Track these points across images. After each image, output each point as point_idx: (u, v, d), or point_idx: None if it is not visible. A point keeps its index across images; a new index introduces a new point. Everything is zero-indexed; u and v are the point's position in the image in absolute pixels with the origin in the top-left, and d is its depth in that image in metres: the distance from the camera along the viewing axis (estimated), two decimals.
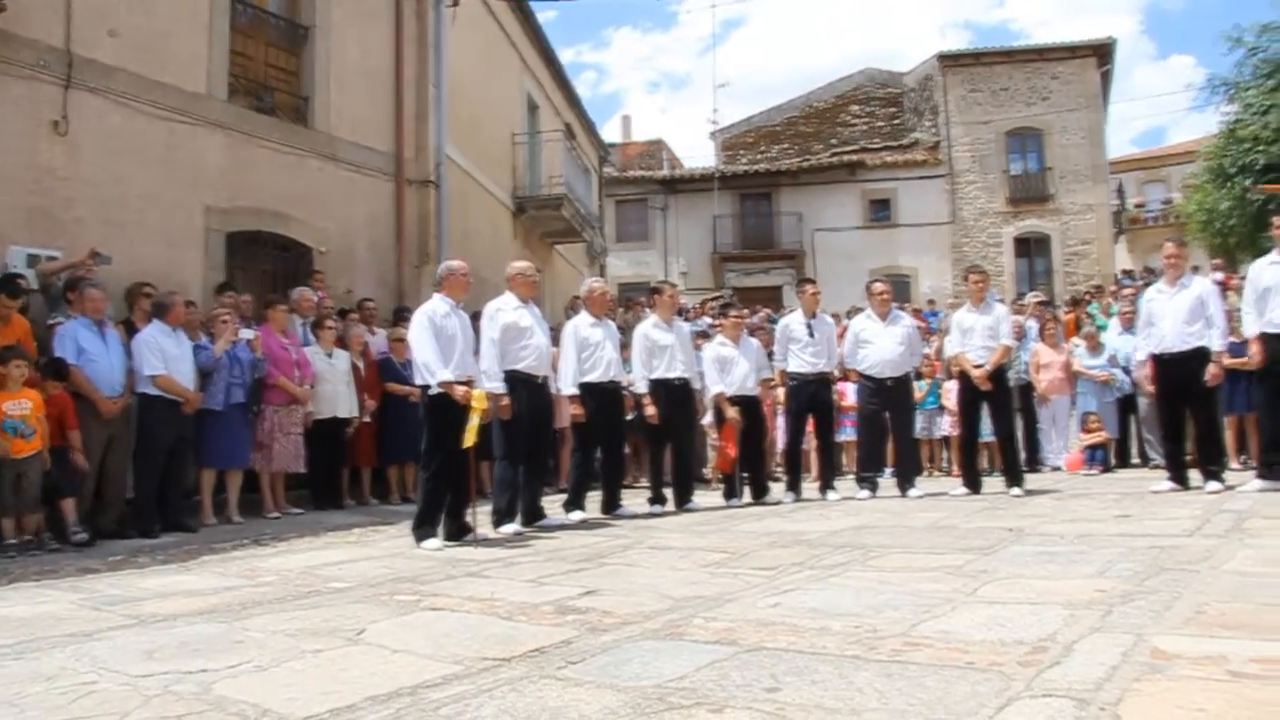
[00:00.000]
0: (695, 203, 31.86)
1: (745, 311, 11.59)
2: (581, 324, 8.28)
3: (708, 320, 14.01)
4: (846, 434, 11.28)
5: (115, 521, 7.64)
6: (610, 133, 37.28)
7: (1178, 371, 8.03)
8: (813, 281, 10.13)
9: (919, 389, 10.96)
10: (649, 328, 8.80)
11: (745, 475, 9.30)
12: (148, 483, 7.85)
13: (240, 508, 8.71)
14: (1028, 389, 11.11)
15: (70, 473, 7.19)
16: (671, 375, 8.63)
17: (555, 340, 8.57)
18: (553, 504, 8.23)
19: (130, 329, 8.15)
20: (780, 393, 10.03)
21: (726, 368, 9.12)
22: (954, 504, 8.01)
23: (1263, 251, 11.67)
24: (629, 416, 9.03)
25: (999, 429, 8.97)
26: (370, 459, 10.11)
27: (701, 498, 9.05)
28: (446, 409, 6.45)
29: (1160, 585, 3.96)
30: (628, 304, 15.76)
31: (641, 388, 8.54)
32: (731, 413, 8.94)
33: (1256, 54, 12.38)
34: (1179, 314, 8.01)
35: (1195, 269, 8.99)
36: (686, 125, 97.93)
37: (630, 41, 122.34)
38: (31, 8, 8.55)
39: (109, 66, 9.25)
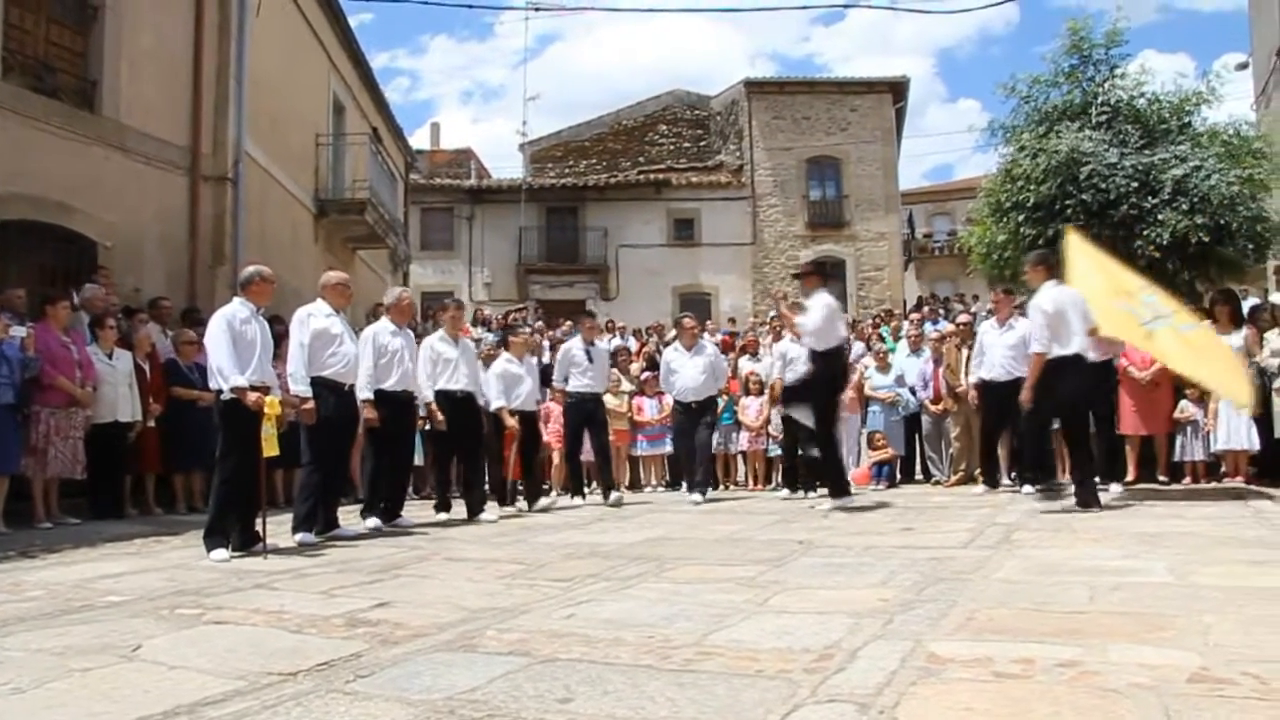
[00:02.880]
0: (502, 214, 31.68)
1: (530, 331, 12.30)
2: (381, 331, 8.26)
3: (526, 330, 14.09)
4: (642, 448, 12.41)
5: None
6: (419, 140, 36.83)
7: (1001, 395, 9.34)
8: (593, 315, 11.70)
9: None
10: (435, 340, 9.02)
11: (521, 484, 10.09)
12: None
13: (8, 517, 8.08)
14: None
15: None
16: (455, 387, 8.87)
17: None
18: (347, 514, 8.07)
19: None
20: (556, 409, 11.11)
21: (512, 384, 9.79)
22: (748, 517, 8.25)
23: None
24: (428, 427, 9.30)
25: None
26: (155, 466, 9.60)
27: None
28: (240, 415, 6.30)
29: (937, 594, 4.19)
30: (427, 313, 15.58)
31: (428, 396, 8.73)
32: (511, 423, 9.59)
33: (1029, 103, 13.34)
34: (1006, 350, 9.53)
35: (1019, 309, 9.86)
36: (497, 137, 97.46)
37: (446, 50, 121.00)
38: None
39: None
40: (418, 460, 10.54)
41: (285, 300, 8.03)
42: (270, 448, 6.30)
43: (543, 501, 10.05)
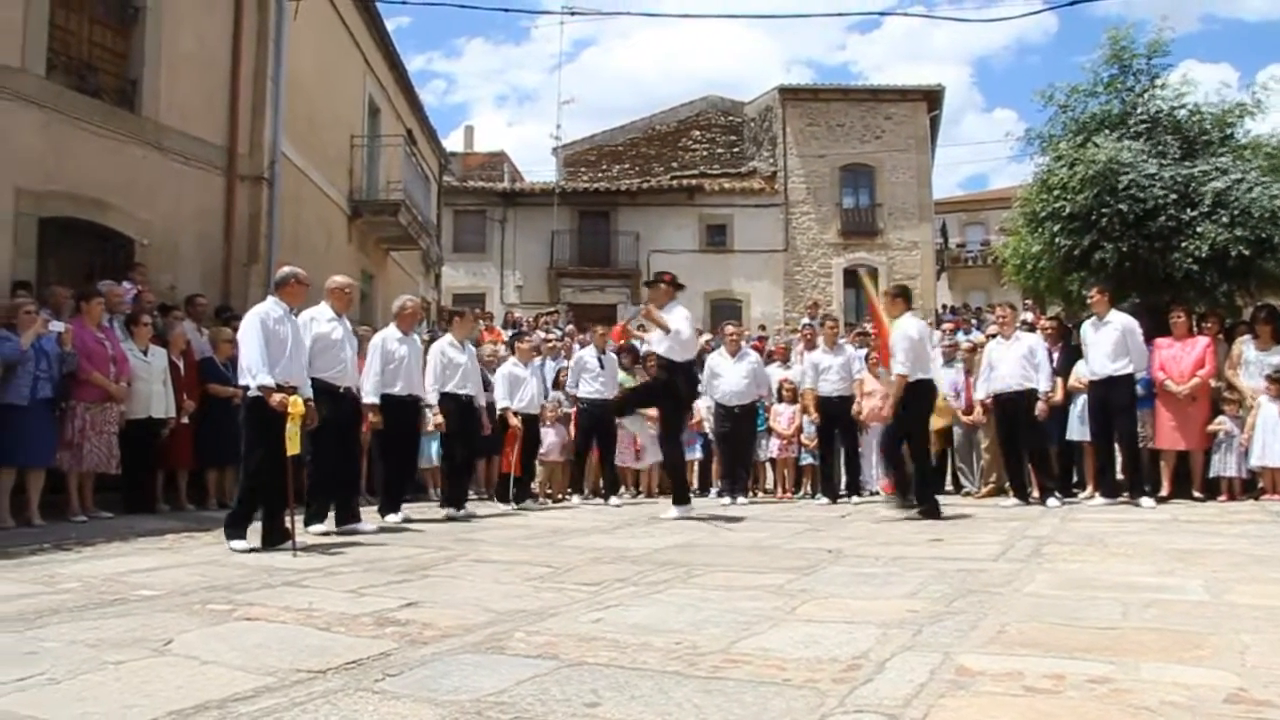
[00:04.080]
0: (534, 217, 31.78)
1: (560, 335, 12.86)
2: (389, 338, 8.62)
3: (540, 335, 14.23)
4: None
5: None
6: (453, 142, 37.04)
7: (1010, 407, 9.61)
8: (600, 327, 12.11)
9: None
10: (445, 345, 9.40)
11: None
12: None
13: (43, 510, 8.18)
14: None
15: None
16: (461, 391, 9.29)
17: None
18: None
19: None
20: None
21: (516, 386, 10.43)
22: (777, 524, 8.21)
23: (1066, 295, 12.49)
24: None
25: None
26: (187, 462, 9.68)
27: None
28: (265, 412, 6.42)
29: (967, 606, 4.16)
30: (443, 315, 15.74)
31: (432, 399, 9.15)
32: (514, 422, 10.24)
33: (1067, 112, 13.20)
34: (1013, 362, 9.60)
35: (1025, 324, 10.07)
36: (531, 140, 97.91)
37: (481, 53, 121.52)
38: None
39: None
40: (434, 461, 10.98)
41: (317, 300, 8.15)
42: (293, 446, 6.38)
43: (528, 503, 10.63)
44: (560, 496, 11.50)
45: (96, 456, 8.59)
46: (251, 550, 6.40)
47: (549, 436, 11.39)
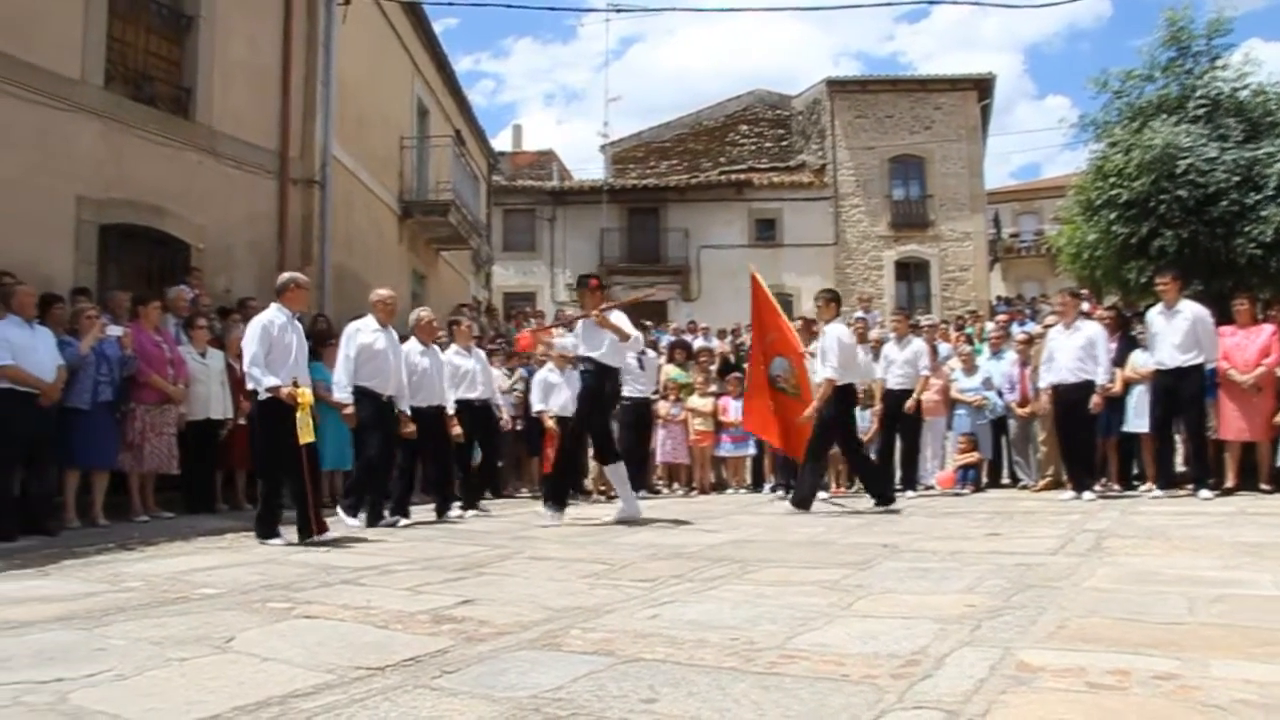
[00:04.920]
0: (583, 215, 31.84)
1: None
2: (411, 350, 8.83)
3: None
4: (725, 449, 12.52)
5: None
6: (501, 142, 37.18)
7: (1068, 399, 9.49)
8: (645, 327, 12.38)
9: None
10: (450, 355, 9.69)
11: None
12: (6, 482, 7.45)
13: (107, 510, 8.37)
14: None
15: None
16: (472, 396, 9.72)
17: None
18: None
19: None
20: None
21: (550, 392, 10.97)
22: (831, 519, 8.16)
23: (1123, 284, 12.23)
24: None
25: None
26: (245, 462, 9.81)
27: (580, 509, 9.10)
28: (275, 412, 6.75)
29: (1026, 601, 4.10)
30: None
31: (451, 408, 9.36)
32: (550, 424, 10.71)
33: (1122, 97, 12.93)
34: (1072, 352, 9.50)
35: (1085, 314, 9.90)
36: (579, 139, 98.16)
37: (529, 53, 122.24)
38: None
39: None
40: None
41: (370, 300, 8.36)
42: (306, 435, 6.72)
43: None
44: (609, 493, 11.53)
45: (157, 457, 8.76)
46: (288, 545, 6.66)
47: None
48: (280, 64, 12.72)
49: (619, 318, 8.26)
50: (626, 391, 11.10)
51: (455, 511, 8.95)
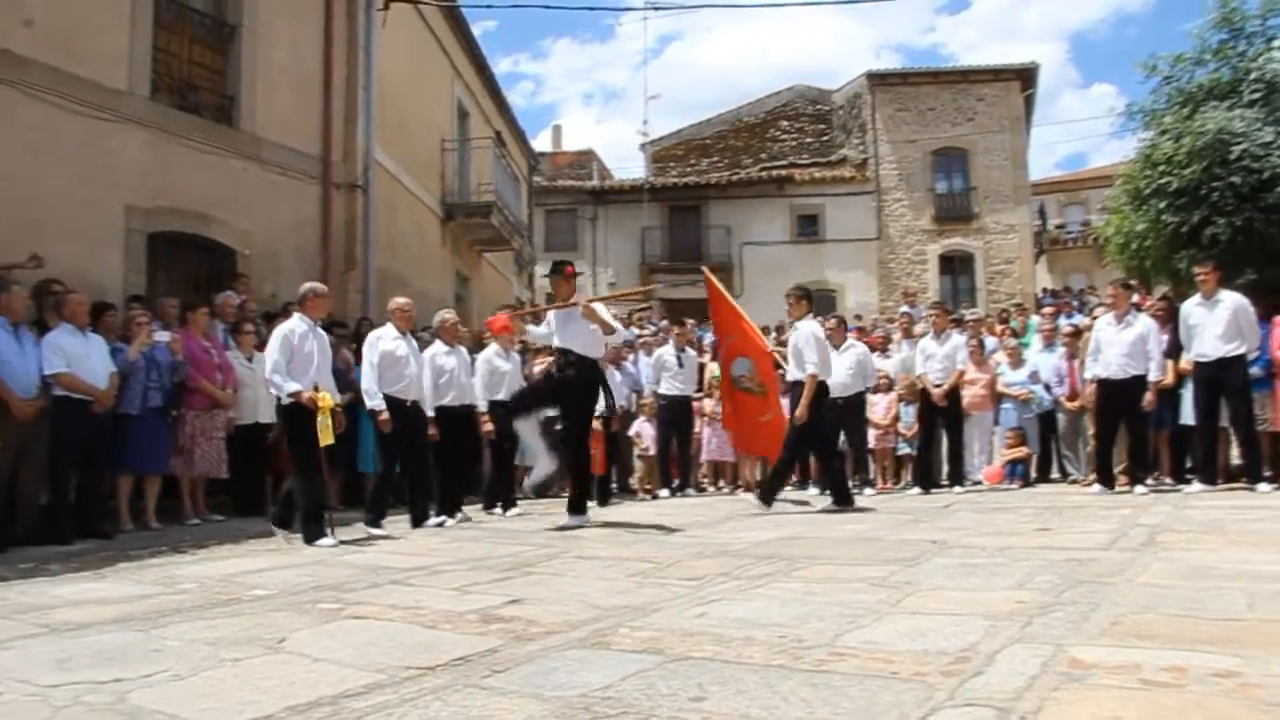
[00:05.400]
0: (624, 214, 31.88)
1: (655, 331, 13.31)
2: (437, 353, 8.94)
3: (635, 331, 14.25)
4: None
5: (28, 528, 7.37)
6: (541, 142, 37.28)
7: (1118, 394, 9.32)
8: (682, 324, 12.79)
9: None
10: (490, 354, 9.67)
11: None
12: (61, 488, 7.62)
13: (159, 514, 8.51)
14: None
15: None
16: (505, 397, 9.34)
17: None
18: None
19: (44, 330, 7.90)
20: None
21: None
22: (878, 516, 8.11)
23: (1174, 274, 12.02)
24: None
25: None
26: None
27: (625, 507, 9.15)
28: (299, 417, 7.02)
29: (1078, 597, 4.04)
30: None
31: (482, 407, 9.42)
32: (595, 424, 9.95)
33: (1171, 83, 12.71)
34: (1123, 347, 9.31)
35: (1137, 307, 9.68)
36: (619, 138, 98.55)
37: (568, 53, 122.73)
38: None
39: (24, 58, 8.93)
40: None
41: (415, 302, 8.46)
42: (326, 437, 6.94)
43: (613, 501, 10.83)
44: (653, 492, 11.55)
45: (207, 461, 8.89)
46: (340, 544, 6.91)
47: (647, 430, 11.54)
48: (321, 70, 12.83)
49: (601, 309, 8.02)
50: (664, 389, 11.35)
51: (497, 510, 9.10)
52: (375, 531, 7.74)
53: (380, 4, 13.93)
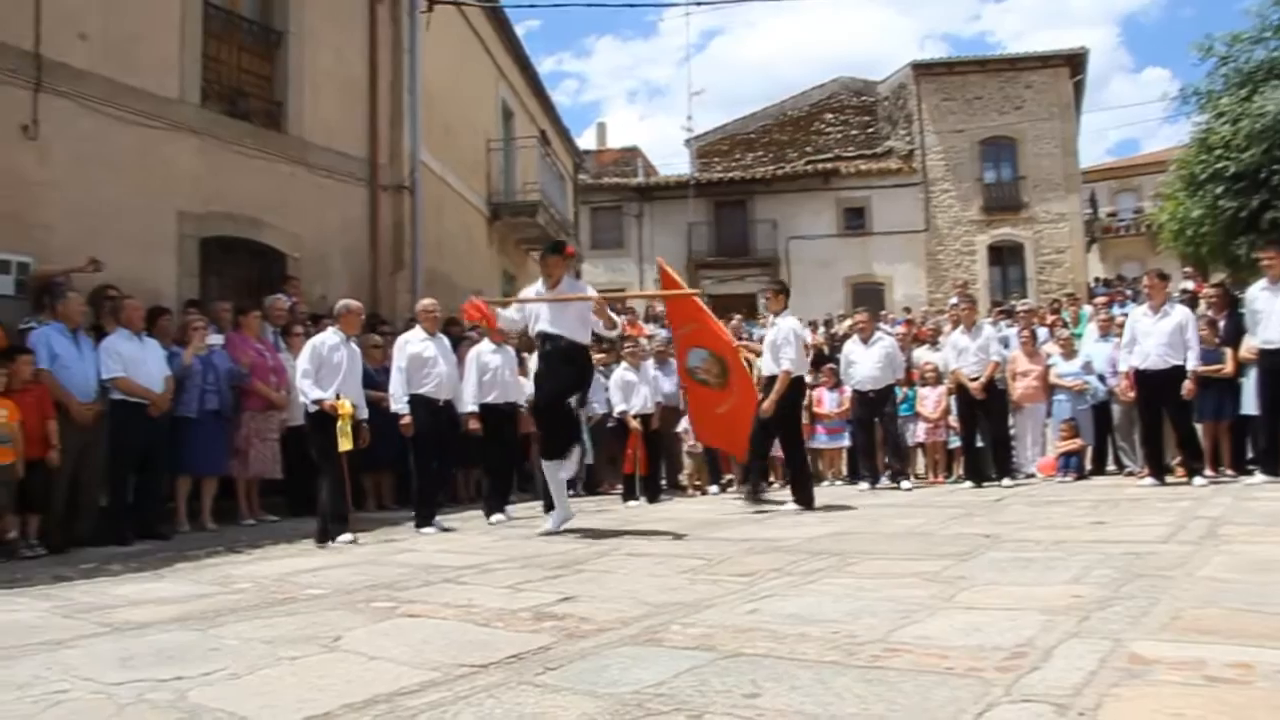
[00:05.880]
0: (670, 210, 31.88)
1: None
2: (483, 351, 9.11)
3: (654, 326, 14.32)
4: (820, 440, 12.22)
5: (88, 530, 7.53)
6: (586, 140, 37.38)
7: (1156, 385, 9.22)
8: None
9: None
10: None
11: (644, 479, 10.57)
12: (120, 489, 7.79)
13: (215, 515, 8.65)
14: (1004, 396, 11.19)
15: (40, 486, 7.11)
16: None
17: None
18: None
19: (101, 335, 8.06)
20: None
21: (629, 390, 10.86)
22: (930, 510, 8.03)
23: (1232, 260, 11.77)
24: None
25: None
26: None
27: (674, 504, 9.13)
28: (324, 423, 7.35)
29: (1136, 591, 3.97)
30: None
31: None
32: (634, 424, 10.59)
33: (1228, 63, 12.42)
34: (1161, 337, 9.20)
35: (1185, 293, 9.49)
36: (663, 134, 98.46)
37: (611, 51, 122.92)
38: (0, 12, 8.46)
39: (79, 70, 9.12)
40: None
41: (461, 301, 8.51)
42: (345, 443, 7.26)
43: (662, 498, 10.75)
44: (703, 488, 11.56)
45: (261, 463, 9.02)
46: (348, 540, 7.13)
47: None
48: (367, 74, 12.95)
49: (587, 291, 7.68)
50: None
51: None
52: (427, 531, 7.78)
53: (424, 7, 14.03)
